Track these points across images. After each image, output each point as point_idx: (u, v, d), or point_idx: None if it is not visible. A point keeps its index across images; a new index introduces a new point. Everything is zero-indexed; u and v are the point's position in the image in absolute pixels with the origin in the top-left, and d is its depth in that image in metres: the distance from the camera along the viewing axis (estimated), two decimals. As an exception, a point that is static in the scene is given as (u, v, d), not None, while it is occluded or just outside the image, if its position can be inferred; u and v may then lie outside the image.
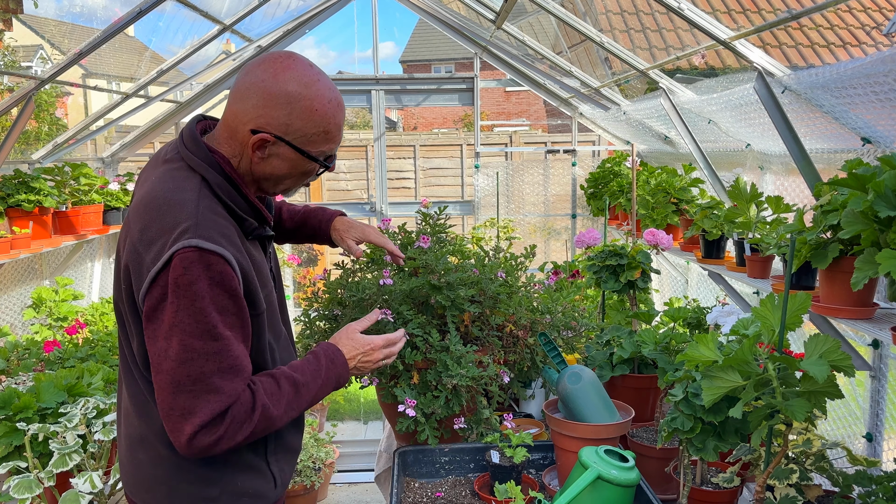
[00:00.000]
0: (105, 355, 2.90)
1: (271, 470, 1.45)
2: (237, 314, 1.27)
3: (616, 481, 1.44)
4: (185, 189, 1.29)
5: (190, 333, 1.21)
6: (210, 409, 1.23)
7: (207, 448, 1.24)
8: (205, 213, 1.27)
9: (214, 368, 1.23)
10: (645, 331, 2.19)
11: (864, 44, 7.94)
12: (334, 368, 1.44)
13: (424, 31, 20.19)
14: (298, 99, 1.30)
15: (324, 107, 1.33)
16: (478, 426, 1.94)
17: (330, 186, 8.73)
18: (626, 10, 8.27)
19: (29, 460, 2.11)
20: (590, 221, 4.72)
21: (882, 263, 1.37)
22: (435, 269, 1.97)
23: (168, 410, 1.23)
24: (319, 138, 1.35)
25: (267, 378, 1.34)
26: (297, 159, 1.36)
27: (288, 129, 1.32)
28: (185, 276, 1.20)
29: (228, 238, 1.28)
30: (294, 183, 1.42)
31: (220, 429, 1.24)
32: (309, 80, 1.32)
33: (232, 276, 1.25)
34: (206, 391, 1.23)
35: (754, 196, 2.26)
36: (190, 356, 1.21)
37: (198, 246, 1.21)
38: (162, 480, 1.37)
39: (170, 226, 1.24)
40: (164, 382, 1.23)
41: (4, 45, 8.47)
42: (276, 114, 1.30)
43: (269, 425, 1.32)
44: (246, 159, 1.35)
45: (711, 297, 3.46)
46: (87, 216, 3.56)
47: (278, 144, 1.33)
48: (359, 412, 5.35)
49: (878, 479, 1.57)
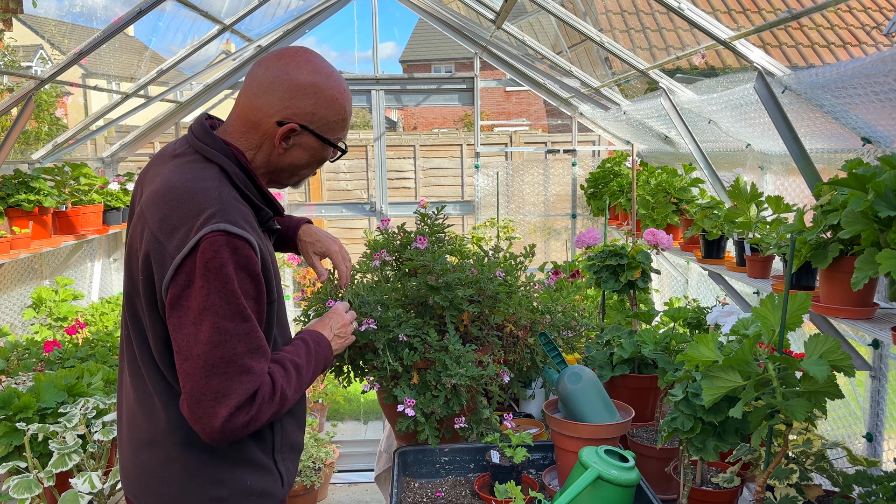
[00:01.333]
0: (105, 355, 2.90)
1: (278, 468, 1.46)
2: (257, 298, 1.30)
3: (616, 481, 1.44)
4: (205, 178, 1.32)
5: (222, 316, 1.23)
6: (244, 390, 1.25)
7: (240, 429, 1.27)
8: (228, 199, 1.30)
9: (246, 349, 1.26)
10: (645, 331, 2.19)
11: (864, 44, 7.94)
12: (321, 350, 1.51)
13: (424, 31, 20.19)
14: (322, 89, 1.38)
15: (342, 95, 1.42)
16: (478, 426, 1.94)
17: (330, 186, 8.73)
18: (626, 9, 8.27)
19: (28, 460, 2.11)
20: (590, 221, 4.72)
21: (882, 263, 1.37)
22: (433, 270, 1.97)
23: (199, 396, 1.24)
24: (338, 125, 1.44)
25: (274, 363, 1.38)
26: (318, 147, 1.43)
27: (313, 119, 1.39)
28: (215, 259, 1.23)
29: (250, 224, 1.32)
30: (310, 171, 1.50)
31: (252, 409, 1.27)
32: (327, 71, 1.41)
33: (256, 260, 1.28)
34: (239, 372, 1.25)
35: (754, 196, 2.26)
36: (223, 338, 1.23)
37: (226, 230, 1.24)
38: (172, 482, 1.37)
39: (194, 213, 1.26)
40: (195, 368, 1.24)
41: (4, 45, 8.47)
42: (303, 104, 1.37)
43: (283, 407, 1.36)
44: (264, 152, 1.41)
45: (711, 297, 3.46)
46: (87, 216, 3.56)
47: (303, 134, 1.40)
48: (359, 412, 5.35)
49: (878, 479, 1.57)
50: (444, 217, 2.24)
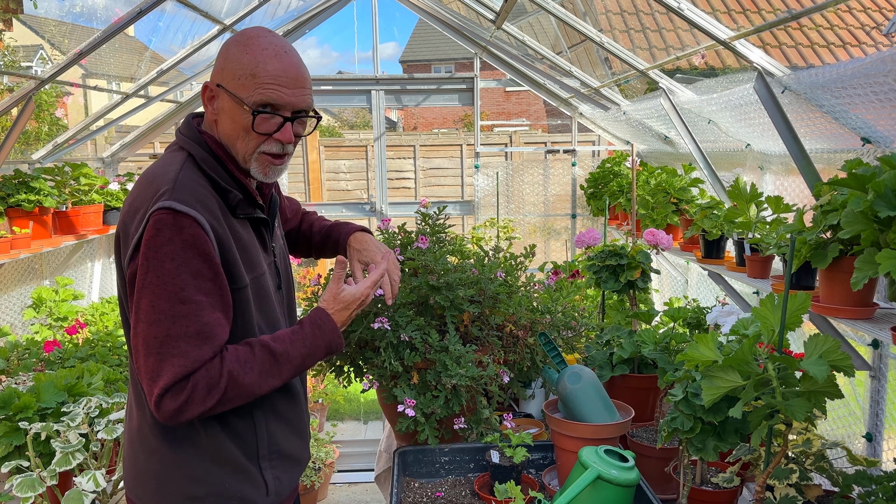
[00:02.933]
0: (105, 355, 2.90)
1: (263, 476, 1.42)
2: (213, 280, 1.27)
3: (616, 481, 1.44)
4: (171, 163, 1.35)
5: (158, 295, 1.23)
6: (172, 373, 1.23)
7: (175, 413, 1.24)
8: (183, 180, 1.30)
9: (181, 332, 1.24)
10: (645, 331, 2.19)
11: (864, 44, 7.94)
12: (322, 335, 1.42)
13: (424, 31, 20.19)
14: (234, 46, 1.35)
15: (256, 53, 1.32)
16: (478, 426, 1.94)
17: (330, 186, 8.73)
18: (626, 10, 8.27)
19: (31, 459, 2.11)
20: (590, 221, 4.72)
21: (882, 263, 1.37)
22: (434, 270, 1.97)
23: (142, 375, 1.25)
24: (248, 82, 1.32)
25: (242, 346, 1.33)
26: (234, 109, 1.34)
27: (223, 75, 1.35)
28: (156, 237, 1.23)
29: (206, 206, 1.30)
30: (245, 144, 1.36)
31: (182, 394, 1.24)
32: (253, 34, 1.36)
33: (206, 240, 1.26)
34: (171, 354, 1.23)
35: (754, 196, 2.26)
36: (157, 317, 1.23)
37: (171, 207, 1.24)
38: (152, 474, 1.37)
39: (150, 194, 1.28)
40: (139, 345, 1.25)
41: (4, 45, 8.47)
42: (219, 63, 1.37)
43: (242, 392, 1.29)
44: (215, 129, 1.39)
45: (711, 297, 3.46)
46: (87, 216, 3.57)
47: (220, 95, 1.36)
48: (359, 412, 5.35)
49: (878, 479, 1.57)
50: (445, 217, 2.24)
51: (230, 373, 1.28)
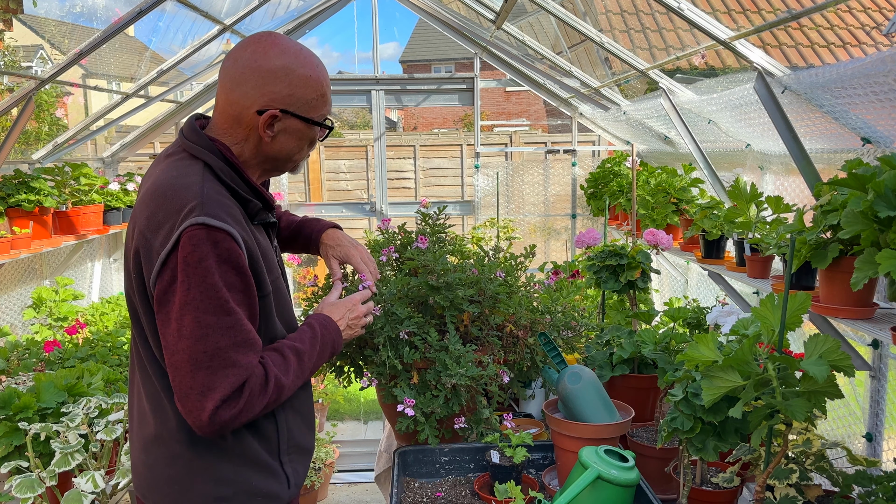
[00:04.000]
0: (105, 355, 2.90)
1: (285, 470, 1.46)
2: (244, 291, 1.30)
3: (616, 481, 1.44)
4: (189, 174, 1.33)
5: (203, 310, 1.24)
6: (229, 384, 1.25)
7: (228, 422, 1.27)
8: (209, 193, 1.30)
9: (230, 343, 1.26)
10: (645, 331, 2.19)
11: (864, 44, 7.94)
12: (329, 334, 1.50)
13: (424, 31, 20.19)
14: (293, 69, 1.37)
15: (315, 71, 1.40)
16: (478, 426, 1.94)
17: (330, 186, 8.73)
18: (626, 10, 8.27)
19: (30, 460, 2.11)
20: (590, 221, 4.72)
21: (882, 263, 1.37)
22: (433, 270, 1.97)
23: (187, 391, 1.25)
24: (318, 102, 1.42)
25: (271, 351, 1.38)
26: (304, 128, 1.42)
27: (291, 101, 1.37)
28: (194, 253, 1.23)
29: (234, 217, 1.31)
30: (303, 154, 1.48)
31: (239, 402, 1.27)
32: (295, 50, 1.39)
33: (239, 253, 1.28)
34: (224, 366, 1.25)
35: (754, 196, 2.26)
36: (205, 332, 1.24)
37: (205, 223, 1.25)
38: (175, 480, 1.37)
39: (176, 208, 1.27)
40: (181, 362, 1.25)
41: (4, 45, 8.47)
42: (278, 89, 1.36)
43: (281, 395, 1.36)
44: (252, 143, 1.40)
45: (711, 297, 3.46)
46: (87, 216, 3.57)
47: (285, 118, 1.38)
48: (359, 412, 5.35)
49: (878, 479, 1.57)
50: (445, 217, 2.24)
51: (276, 377, 1.33)
